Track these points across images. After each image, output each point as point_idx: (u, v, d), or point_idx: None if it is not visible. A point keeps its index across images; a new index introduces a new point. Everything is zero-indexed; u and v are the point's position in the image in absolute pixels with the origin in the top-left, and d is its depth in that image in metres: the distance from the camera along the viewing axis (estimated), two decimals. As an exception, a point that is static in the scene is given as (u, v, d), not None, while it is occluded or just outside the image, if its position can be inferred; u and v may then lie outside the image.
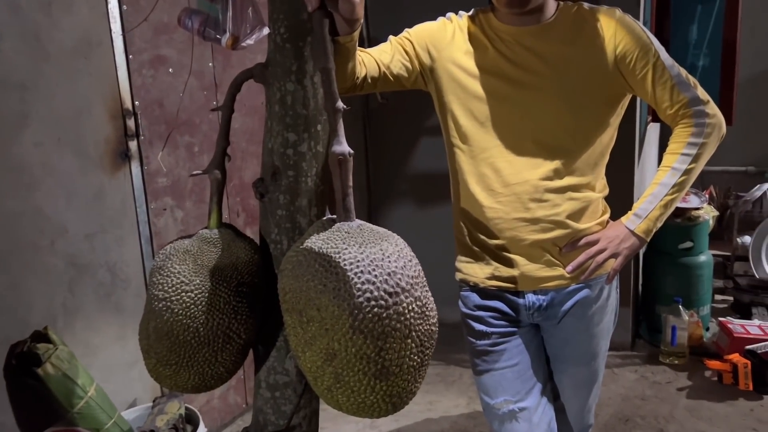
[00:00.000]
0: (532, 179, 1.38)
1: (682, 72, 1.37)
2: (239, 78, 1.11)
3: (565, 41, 1.36)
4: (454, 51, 1.42)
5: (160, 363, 1.05)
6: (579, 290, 1.46)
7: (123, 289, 2.21)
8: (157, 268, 1.06)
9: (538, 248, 1.42)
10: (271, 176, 1.09)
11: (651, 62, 1.34)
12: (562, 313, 1.47)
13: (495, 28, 1.40)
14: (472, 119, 1.41)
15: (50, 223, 1.96)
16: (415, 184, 3.71)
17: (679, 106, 1.36)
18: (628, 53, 1.35)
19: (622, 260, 1.39)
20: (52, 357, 1.78)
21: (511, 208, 1.40)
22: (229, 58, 2.54)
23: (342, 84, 1.29)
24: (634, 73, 1.36)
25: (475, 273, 1.50)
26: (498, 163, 1.40)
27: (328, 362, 0.92)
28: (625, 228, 1.39)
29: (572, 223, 1.41)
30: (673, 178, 1.37)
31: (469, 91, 1.41)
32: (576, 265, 1.38)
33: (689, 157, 1.36)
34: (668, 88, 1.35)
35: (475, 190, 1.43)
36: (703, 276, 3.35)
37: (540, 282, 1.44)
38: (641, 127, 3.32)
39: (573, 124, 1.37)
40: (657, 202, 1.37)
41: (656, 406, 2.81)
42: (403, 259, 0.94)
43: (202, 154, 2.45)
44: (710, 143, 1.37)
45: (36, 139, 1.91)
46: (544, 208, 1.39)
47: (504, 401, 1.49)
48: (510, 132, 1.39)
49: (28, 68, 1.88)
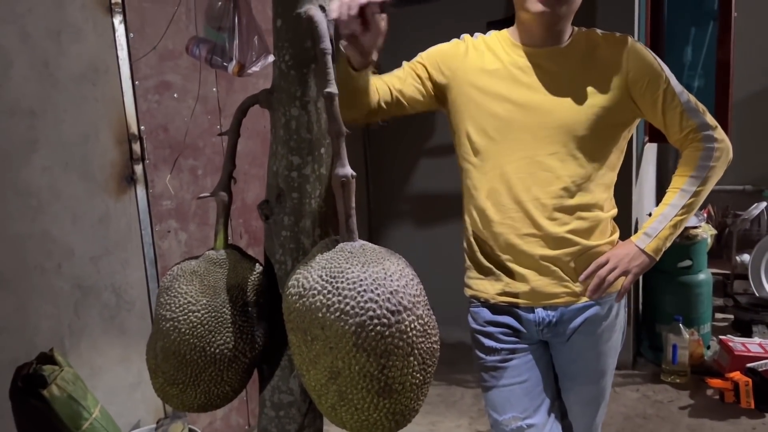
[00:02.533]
0: (542, 197, 1.41)
1: (691, 99, 1.41)
2: (245, 103, 1.14)
3: (578, 65, 1.41)
4: (468, 70, 1.46)
5: (167, 382, 1.07)
6: (588, 307, 1.48)
7: (127, 311, 2.23)
8: (165, 288, 1.08)
9: (548, 263, 1.44)
10: (276, 198, 1.12)
11: (662, 89, 1.39)
12: (571, 330, 1.49)
13: (511, 48, 1.44)
14: (484, 137, 1.44)
15: (57, 245, 1.99)
16: (415, 204, 3.74)
17: (688, 131, 1.41)
18: (639, 79, 1.39)
19: (632, 278, 1.42)
20: (58, 379, 1.80)
21: (521, 224, 1.43)
22: (232, 83, 2.59)
23: (358, 112, 1.36)
24: (645, 99, 1.40)
25: (485, 289, 1.51)
26: (509, 180, 1.43)
27: (332, 380, 0.94)
28: (635, 246, 1.42)
29: (582, 240, 1.43)
30: (682, 200, 1.41)
31: (482, 109, 1.44)
32: (592, 290, 1.41)
33: (698, 179, 1.40)
34: (678, 114, 1.40)
35: (486, 205, 1.46)
36: (702, 294, 3.37)
37: (550, 297, 1.46)
38: (638, 146, 3.36)
39: (583, 146, 1.41)
40: (667, 222, 1.41)
41: (658, 425, 2.80)
42: (405, 278, 0.96)
43: (206, 177, 2.49)
44: (718, 167, 1.41)
45: (44, 164, 1.94)
46: (553, 225, 1.42)
47: (512, 417, 1.50)
48: (522, 150, 1.42)
49: (36, 94, 1.92)
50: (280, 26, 1.08)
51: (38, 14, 1.91)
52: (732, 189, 4.68)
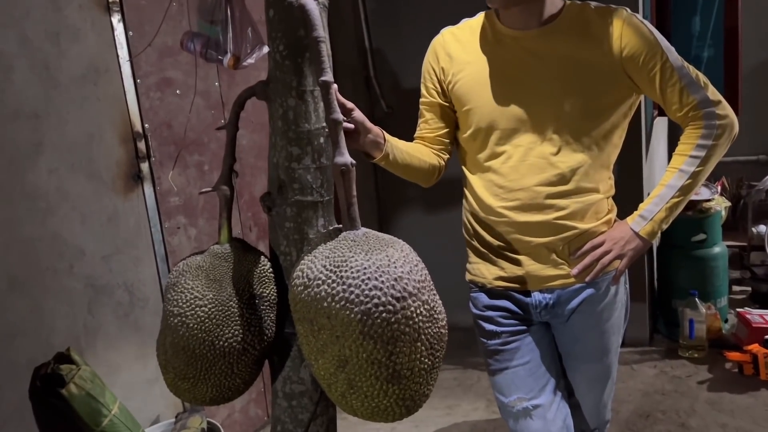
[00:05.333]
0: (535, 185, 1.39)
1: (692, 72, 1.35)
2: (242, 96, 1.14)
3: (569, 43, 1.36)
4: (455, 68, 1.46)
5: (178, 377, 1.07)
6: (585, 288, 1.47)
7: (141, 308, 2.25)
8: (171, 284, 1.09)
9: (544, 248, 1.43)
10: (278, 190, 1.12)
11: (659, 64, 1.33)
12: (569, 311, 1.48)
13: (498, 32, 1.42)
14: (477, 126, 1.43)
15: (68, 246, 2.01)
16: (424, 190, 3.71)
17: (688, 108, 1.36)
18: (635, 55, 1.34)
19: (626, 261, 1.40)
20: (76, 377, 1.82)
21: (515, 212, 1.42)
22: (234, 77, 2.59)
23: (426, 179, 1.51)
24: (642, 76, 1.35)
25: (482, 274, 1.52)
26: (503, 170, 1.42)
27: (340, 369, 0.94)
28: (630, 229, 1.40)
29: (577, 224, 1.42)
30: (680, 181, 1.37)
31: (475, 98, 1.42)
32: (582, 268, 1.40)
33: (697, 159, 1.36)
34: (677, 90, 1.34)
35: (483, 194, 1.46)
36: (718, 268, 3.33)
37: (546, 281, 1.45)
38: (648, 121, 3.31)
39: (578, 129, 1.38)
40: (663, 204, 1.38)
41: (676, 400, 2.79)
42: (409, 264, 0.96)
43: (212, 172, 2.50)
44: (720, 145, 1.36)
45: (50, 166, 1.96)
46: (548, 212, 1.40)
47: (517, 399, 1.50)
48: (515, 138, 1.40)
49: (39, 97, 1.93)
50: (272, 16, 1.07)
51: (36, 17, 1.92)
52: (746, 159, 4.62)
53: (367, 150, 1.34)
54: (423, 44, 1.54)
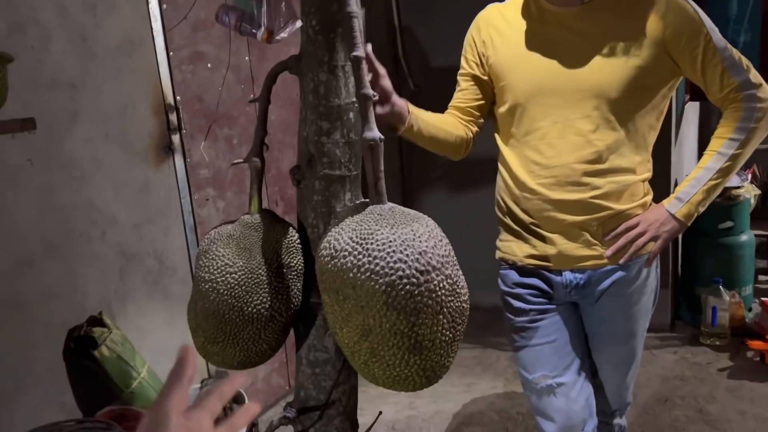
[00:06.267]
0: (572, 163, 1.39)
1: (734, 54, 1.33)
2: (274, 70, 1.16)
3: (610, 23, 1.35)
4: (497, 42, 1.46)
5: (207, 341, 1.12)
6: (616, 270, 1.47)
7: (170, 276, 2.32)
8: (203, 251, 1.12)
9: (577, 228, 1.43)
10: (307, 163, 1.14)
11: (702, 44, 1.31)
12: (599, 292, 1.49)
13: (541, 9, 1.41)
14: (515, 101, 1.44)
15: (101, 214, 2.07)
16: (449, 170, 3.73)
17: (729, 90, 1.34)
18: (678, 35, 1.32)
19: (661, 243, 1.39)
20: (107, 340, 1.89)
21: (550, 190, 1.42)
22: (265, 52, 2.61)
23: (454, 153, 1.54)
24: (684, 56, 1.33)
25: (513, 251, 1.53)
26: (540, 146, 1.42)
27: (364, 338, 0.97)
28: (666, 211, 1.39)
29: (612, 204, 1.41)
30: (718, 163, 1.36)
31: (514, 73, 1.43)
32: (616, 249, 1.39)
33: (736, 142, 1.34)
34: (719, 71, 1.33)
35: (518, 171, 1.46)
36: (744, 256, 3.29)
37: (577, 261, 1.46)
38: (678, 106, 3.26)
39: (617, 108, 1.37)
40: (700, 187, 1.37)
41: (696, 386, 2.79)
42: (434, 239, 0.98)
43: (241, 146, 2.53)
44: (761, 128, 1.34)
45: (85, 135, 2.01)
46: (584, 190, 1.40)
47: (542, 376, 1.52)
48: (553, 115, 1.40)
49: (76, 68, 1.98)
50: (306, -9, 1.08)
51: (74, -12, 1.95)
52: (778, 148, 4.51)
53: (391, 121, 1.33)
54: (453, 23, 1.55)
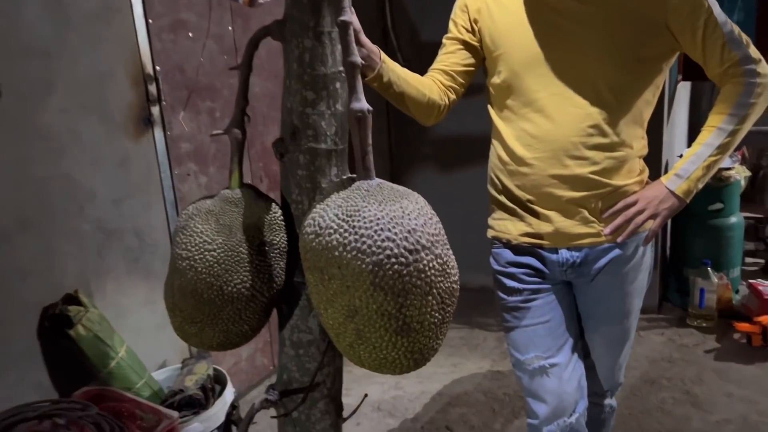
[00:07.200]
0: (570, 136, 1.36)
1: (734, 29, 1.31)
2: (256, 35, 1.10)
3: None
4: (493, 10, 1.42)
5: (185, 321, 1.07)
6: (613, 248, 1.44)
7: (150, 253, 2.25)
8: (181, 227, 1.07)
9: (574, 205, 1.40)
10: (291, 136, 1.09)
11: (703, 17, 1.29)
12: (595, 271, 1.46)
13: None
14: (513, 74, 1.40)
15: (79, 188, 1.99)
16: (438, 148, 3.68)
17: (728, 65, 1.31)
18: (679, 8, 1.29)
19: (660, 221, 1.36)
20: (84, 319, 1.83)
21: (548, 164, 1.38)
22: (249, 21, 2.53)
23: (427, 117, 1.45)
24: (684, 29, 1.31)
25: (507, 229, 1.49)
26: (537, 119, 1.38)
27: (349, 319, 0.93)
28: (665, 188, 1.36)
29: (609, 180, 1.39)
30: (717, 139, 1.33)
31: (512, 42, 1.39)
32: (614, 227, 1.36)
33: (736, 117, 1.32)
34: (719, 45, 1.30)
35: (514, 145, 1.42)
36: (733, 238, 3.29)
37: (575, 239, 1.43)
38: (671, 85, 3.23)
39: (615, 80, 1.34)
40: (700, 163, 1.34)
41: (683, 368, 2.79)
42: (424, 217, 0.94)
43: (224, 118, 2.46)
44: (759, 104, 1.32)
45: (61, 106, 1.93)
46: (582, 165, 1.37)
47: (534, 357, 1.50)
48: (551, 86, 1.37)
49: (50, 35, 1.89)
50: (291, -49, 1.02)
51: (48, -50, 1.86)
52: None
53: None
54: (444, -5, 1.49)
